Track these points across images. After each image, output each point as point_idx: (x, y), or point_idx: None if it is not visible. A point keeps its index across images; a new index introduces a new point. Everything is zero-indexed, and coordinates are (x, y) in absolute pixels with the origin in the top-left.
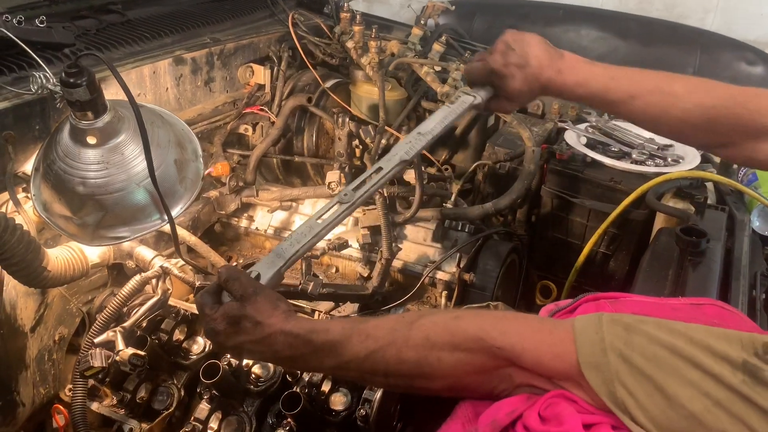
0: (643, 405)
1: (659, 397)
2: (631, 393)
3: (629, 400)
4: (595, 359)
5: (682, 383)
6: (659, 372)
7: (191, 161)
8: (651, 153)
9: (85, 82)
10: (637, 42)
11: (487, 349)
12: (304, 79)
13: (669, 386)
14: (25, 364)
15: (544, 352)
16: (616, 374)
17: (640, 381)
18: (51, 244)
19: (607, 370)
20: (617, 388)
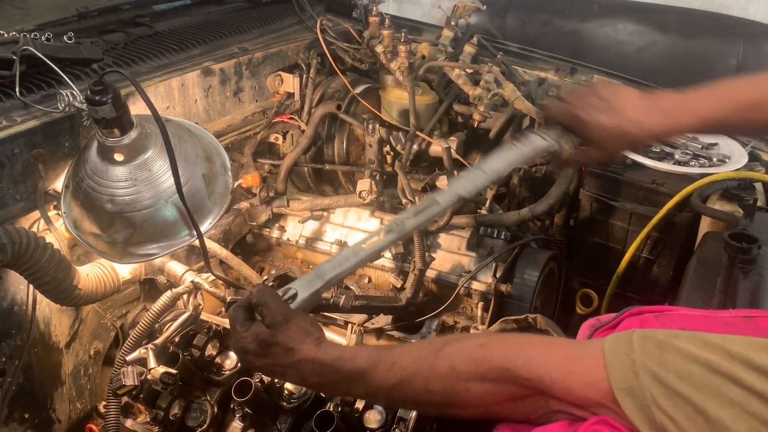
0: (685, 429)
1: (701, 421)
2: (670, 417)
3: (669, 424)
4: (628, 384)
5: (723, 403)
6: (697, 393)
7: (220, 175)
8: (695, 153)
9: (111, 100)
10: (677, 34)
11: (513, 380)
12: (333, 86)
13: (710, 408)
14: (60, 381)
15: (573, 381)
16: (651, 398)
17: (678, 404)
18: (84, 260)
19: (642, 395)
20: (655, 413)
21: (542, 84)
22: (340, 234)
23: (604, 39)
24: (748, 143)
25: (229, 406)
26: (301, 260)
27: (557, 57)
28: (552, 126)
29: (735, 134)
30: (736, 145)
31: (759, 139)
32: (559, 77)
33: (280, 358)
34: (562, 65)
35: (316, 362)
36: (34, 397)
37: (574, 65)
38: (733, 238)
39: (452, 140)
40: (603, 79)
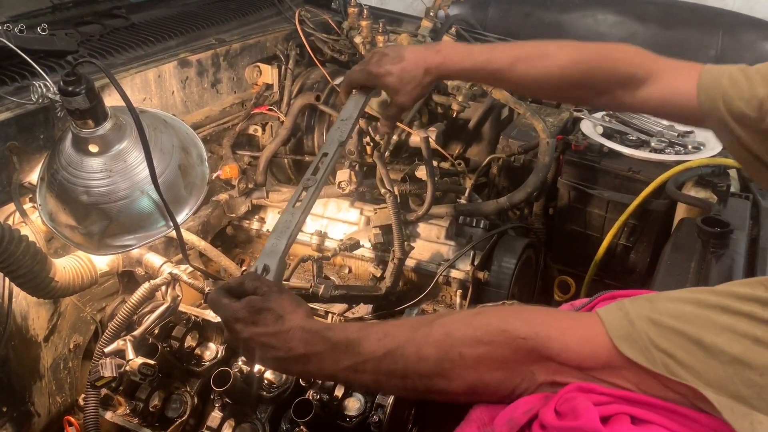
0: (685, 362)
1: (698, 351)
2: (670, 354)
3: (669, 361)
4: (625, 331)
5: (717, 330)
6: (691, 326)
7: (196, 165)
8: (670, 141)
9: (84, 91)
10: (656, 25)
11: (511, 341)
12: (312, 77)
13: (705, 337)
14: (39, 374)
15: (571, 336)
16: (649, 340)
17: (675, 340)
18: (61, 252)
19: (640, 338)
20: (654, 354)
21: None
22: (320, 225)
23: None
24: None
25: (209, 397)
26: None
27: None
28: (356, 87)
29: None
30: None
31: None
32: None
33: (269, 325)
34: None
35: (305, 330)
36: (12, 391)
37: None
38: (705, 224)
39: (432, 131)
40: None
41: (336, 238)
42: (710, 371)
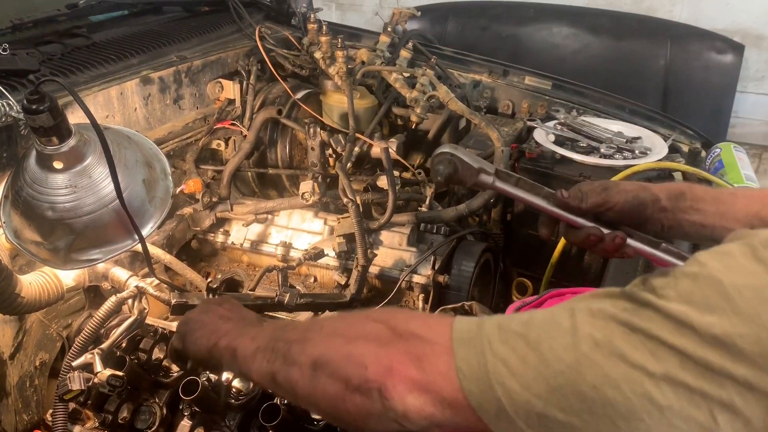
0: (517, 371)
1: (533, 357)
2: (504, 360)
3: (502, 369)
4: (470, 335)
5: (558, 333)
6: (534, 330)
7: (160, 180)
8: (619, 146)
9: (47, 108)
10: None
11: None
12: (274, 92)
13: (543, 341)
14: (5, 392)
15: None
16: (488, 343)
17: (513, 344)
18: (26, 269)
19: (480, 342)
20: (488, 359)
21: (477, 86)
22: (285, 236)
23: (540, 42)
24: (669, 137)
25: (178, 407)
26: (246, 263)
27: (490, 60)
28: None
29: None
30: (658, 138)
31: (680, 132)
32: (492, 79)
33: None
34: (495, 68)
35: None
36: None
37: (506, 67)
38: None
39: (392, 142)
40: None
41: (301, 248)
42: (542, 383)
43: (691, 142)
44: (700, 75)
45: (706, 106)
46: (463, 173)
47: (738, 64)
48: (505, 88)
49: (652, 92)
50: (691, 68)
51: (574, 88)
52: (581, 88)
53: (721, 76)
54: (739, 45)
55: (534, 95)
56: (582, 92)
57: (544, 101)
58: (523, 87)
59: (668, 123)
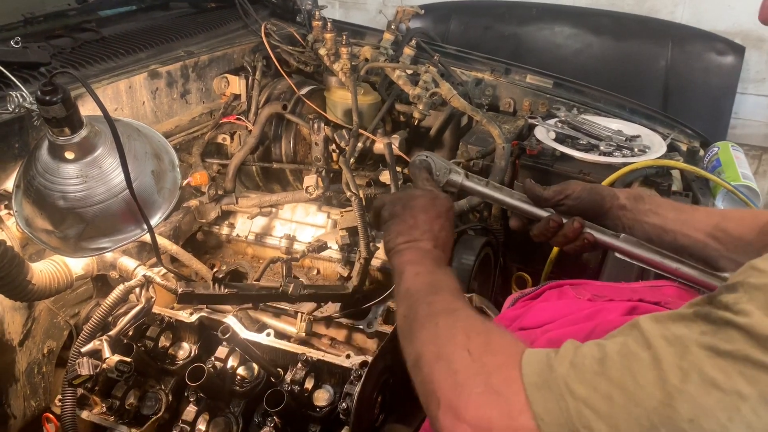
0: (603, 412)
1: (619, 396)
2: (587, 402)
3: (586, 411)
4: (542, 377)
5: (640, 367)
6: (612, 366)
7: (168, 171)
8: (618, 144)
9: (60, 99)
10: (609, 37)
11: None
12: (279, 88)
13: (626, 378)
14: (14, 378)
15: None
16: (566, 385)
17: (594, 384)
18: (35, 258)
19: (556, 385)
20: (569, 403)
21: (479, 84)
22: (289, 228)
23: (542, 42)
24: (668, 135)
25: (184, 394)
26: (251, 255)
27: (492, 58)
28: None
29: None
30: (656, 136)
31: (678, 131)
32: (494, 77)
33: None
34: (497, 66)
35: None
36: None
37: (508, 66)
38: None
39: (395, 138)
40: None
41: (304, 240)
42: (633, 422)
43: (689, 141)
44: (700, 76)
45: (706, 107)
46: (436, 172)
47: (738, 66)
48: (506, 86)
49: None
50: (691, 69)
51: (575, 86)
52: (582, 87)
53: (721, 78)
54: (740, 47)
55: (535, 93)
56: (583, 91)
57: (545, 99)
58: (525, 85)
59: (667, 122)
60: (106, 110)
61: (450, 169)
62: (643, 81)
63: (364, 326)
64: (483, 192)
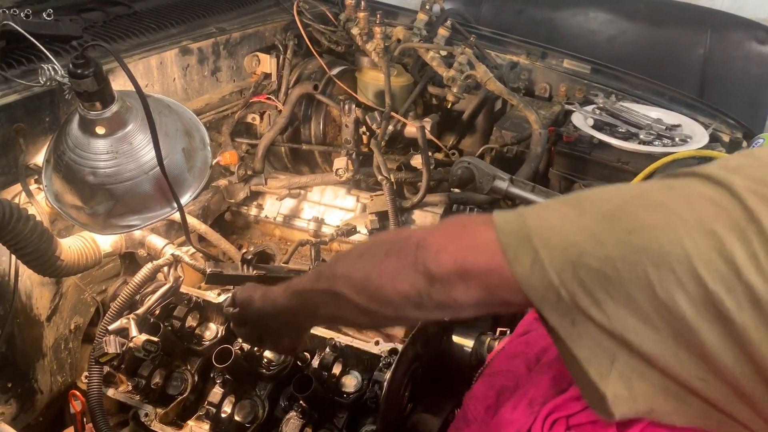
0: (555, 223)
1: (574, 212)
2: (545, 219)
3: (541, 223)
4: (509, 216)
5: (600, 191)
6: (569, 198)
7: (199, 150)
8: (659, 133)
9: (92, 73)
10: (646, 23)
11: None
12: (310, 67)
13: (584, 201)
14: (42, 353)
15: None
16: (530, 210)
17: (555, 207)
18: (64, 234)
19: (520, 211)
20: (527, 218)
21: (514, 68)
22: (317, 211)
23: (576, 28)
24: (710, 125)
25: (210, 375)
26: (279, 237)
27: (529, 41)
28: None
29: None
30: (698, 126)
31: (720, 121)
32: (530, 61)
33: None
34: (533, 50)
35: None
36: (16, 368)
37: (545, 50)
38: None
39: (426, 121)
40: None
41: (333, 224)
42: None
43: (732, 132)
44: (739, 65)
45: (744, 97)
46: (479, 179)
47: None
48: (542, 71)
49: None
50: (730, 58)
51: (614, 72)
52: (620, 73)
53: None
54: None
55: (572, 79)
56: (621, 77)
57: (583, 85)
58: (562, 70)
59: (709, 111)
60: (138, 85)
61: (494, 175)
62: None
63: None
64: (530, 199)
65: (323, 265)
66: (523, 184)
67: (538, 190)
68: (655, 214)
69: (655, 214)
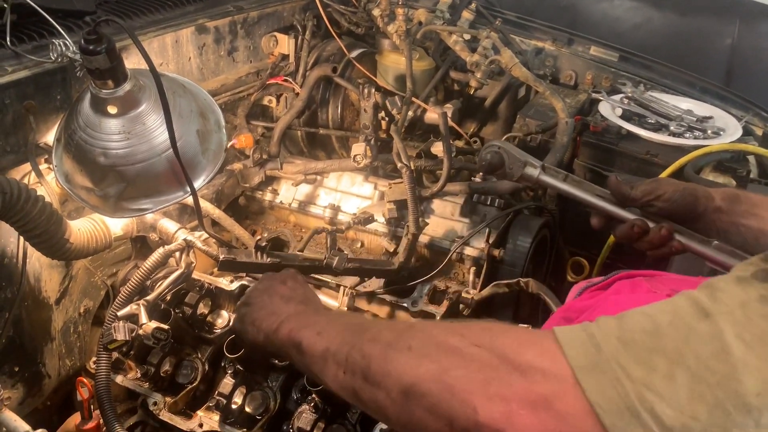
0: (666, 393)
1: (682, 374)
2: (647, 384)
3: (648, 394)
4: (590, 359)
5: (698, 339)
6: (667, 340)
7: (214, 132)
8: (690, 125)
9: (105, 50)
10: (672, 12)
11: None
12: (328, 49)
13: (686, 353)
14: (50, 336)
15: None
16: (620, 367)
17: (651, 363)
18: (74, 216)
19: (608, 367)
20: (627, 386)
21: (539, 54)
22: (334, 198)
23: (600, 15)
24: (742, 117)
25: (220, 364)
26: (293, 224)
27: (555, 27)
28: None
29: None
30: (731, 118)
31: (753, 114)
32: (556, 47)
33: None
34: (560, 35)
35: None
36: (24, 351)
37: (571, 36)
38: None
39: (448, 107)
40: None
41: (349, 211)
42: (698, 401)
43: (765, 125)
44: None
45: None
46: (509, 165)
47: None
48: (568, 57)
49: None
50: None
51: (642, 61)
52: (649, 62)
53: None
54: None
55: (599, 66)
56: (650, 66)
57: (609, 74)
58: (588, 57)
59: (741, 103)
60: (152, 63)
61: (525, 162)
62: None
63: (408, 304)
64: (561, 188)
65: (360, 345)
66: (555, 173)
67: (570, 179)
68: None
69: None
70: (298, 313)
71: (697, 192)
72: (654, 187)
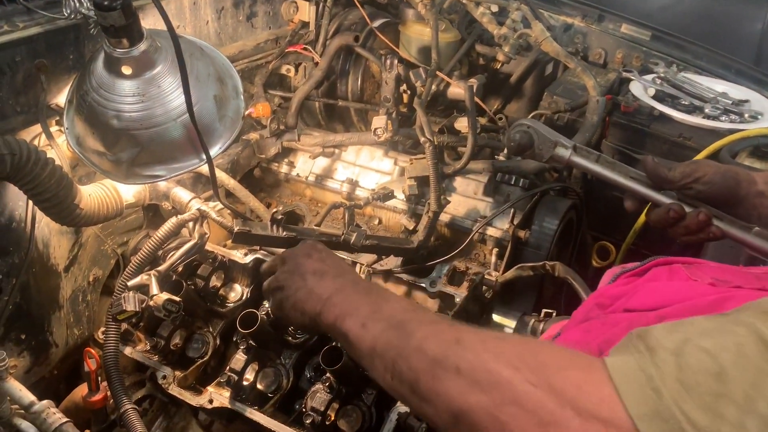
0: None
1: (752, 423)
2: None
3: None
4: (650, 405)
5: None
6: (735, 385)
7: (231, 98)
8: (726, 108)
9: (120, 6)
10: None
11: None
12: (350, 18)
13: (756, 398)
14: (58, 304)
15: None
16: (684, 415)
17: (719, 409)
18: (85, 181)
19: (670, 415)
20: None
21: (568, 30)
22: (352, 173)
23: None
24: None
25: (232, 339)
26: (309, 197)
27: (585, 2)
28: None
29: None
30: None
31: None
32: (585, 24)
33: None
34: (590, 12)
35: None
36: (31, 319)
37: (602, 12)
38: None
39: (472, 82)
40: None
41: (367, 187)
42: None
43: None
44: None
45: None
46: (539, 145)
47: None
48: (598, 35)
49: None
50: None
51: (676, 41)
52: (683, 42)
53: None
54: None
55: (630, 45)
56: (683, 46)
57: (641, 53)
58: (619, 35)
59: None
60: (170, 22)
61: (556, 142)
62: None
63: (426, 284)
64: (594, 170)
65: (452, 351)
66: (588, 153)
67: (603, 160)
68: None
69: None
70: (338, 292)
71: (739, 175)
72: (693, 169)
